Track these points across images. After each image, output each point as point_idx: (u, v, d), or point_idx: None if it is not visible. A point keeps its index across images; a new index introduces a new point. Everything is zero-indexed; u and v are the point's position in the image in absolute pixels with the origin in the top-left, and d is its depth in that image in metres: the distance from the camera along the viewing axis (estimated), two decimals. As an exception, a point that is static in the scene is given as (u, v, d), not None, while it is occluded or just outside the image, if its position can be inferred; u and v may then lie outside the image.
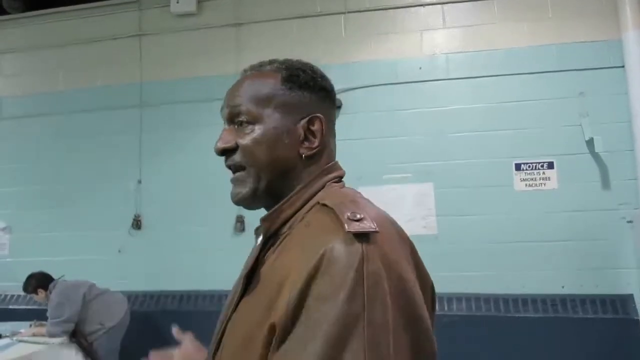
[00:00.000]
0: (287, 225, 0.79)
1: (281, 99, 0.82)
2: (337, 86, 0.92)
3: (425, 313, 0.66)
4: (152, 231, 4.28)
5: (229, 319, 0.79)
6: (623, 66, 3.62)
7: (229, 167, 0.85)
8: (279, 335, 0.64)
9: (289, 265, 0.69)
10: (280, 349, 0.63)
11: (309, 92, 0.84)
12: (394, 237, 0.70)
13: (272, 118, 0.81)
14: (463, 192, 3.77)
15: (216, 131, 0.87)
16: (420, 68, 3.97)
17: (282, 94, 0.82)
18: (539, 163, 3.69)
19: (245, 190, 0.82)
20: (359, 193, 0.81)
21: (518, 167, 3.72)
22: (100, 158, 4.46)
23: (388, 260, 0.64)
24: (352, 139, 3.89)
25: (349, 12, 4.12)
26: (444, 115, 3.88)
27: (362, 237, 0.64)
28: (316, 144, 0.82)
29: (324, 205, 0.73)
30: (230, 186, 0.86)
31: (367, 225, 0.65)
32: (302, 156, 0.82)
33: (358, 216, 0.66)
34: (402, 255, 0.68)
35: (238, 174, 0.83)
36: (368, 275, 0.61)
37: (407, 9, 4.05)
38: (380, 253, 0.64)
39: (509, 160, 3.74)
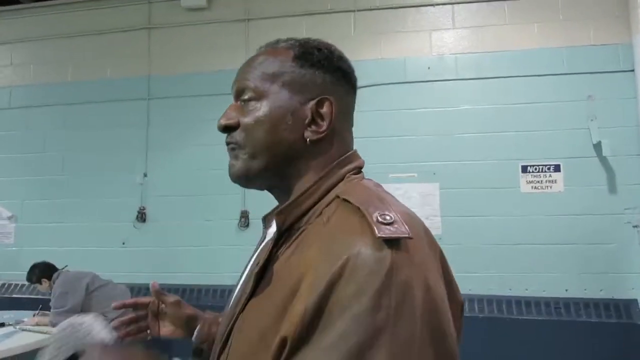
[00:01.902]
0: (304, 219, 0.73)
1: (290, 76, 0.76)
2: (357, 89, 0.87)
3: (452, 329, 0.60)
4: (156, 224, 4.30)
5: (237, 318, 0.73)
6: (633, 70, 3.60)
7: (228, 144, 0.79)
8: (293, 344, 0.58)
9: (305, 265, 0.63)
10: (296, 357, 0.58)
11: (323, 71, 0.77)
12: (424, 243, 0.64)
13: (278, 96, 0.75)
14: (468, 192, 3.77)
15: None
16: (428, 68, 3.96)
17: (291, 72, 0.76)
18: (546, 165, 3.68)
19: (238, 164, 0.78)
20: (381, 187, 0.76)
21: (524, 169, 3.71)
22: (107, 150, 4.47)
23: (418, 270, 0.59)
24: (359, 137, 3.82)
25: (358, 11, 4.12)
26: (451, 116, 3.87)
27: (392, 242, 0.58)
28: (323, 127, 0.75)
29: (347, 201, 0.67)
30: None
31: (400, 230, 0.59)
32: (306, 140, 0.75)
33: (388, 219, 0.60)
34: (433, 265, 0.63)
35: (235, 149, 0.79)
36: (397, 286, 0.56)
37: (417, 8, 4.05)
38: (411, 261, 0.58)
39: (516, 162, 3.73)
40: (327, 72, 0.78)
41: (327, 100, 0.76)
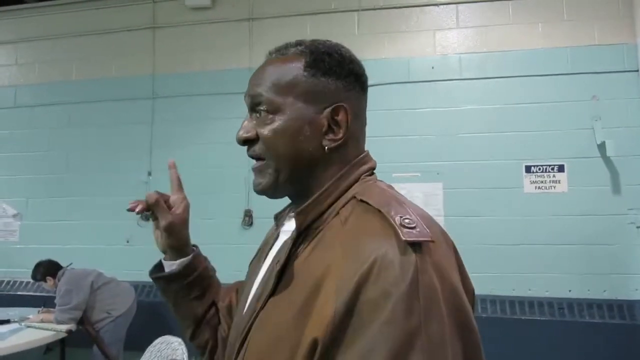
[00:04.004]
0: (322, 219, 0.75)
1: (304, 86, 0.76)
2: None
3: (475, 323, 0.63)
4: (160, 222, 4.30)
5: (257, 314, 0.75)
6: (637, 70, 3.60)
7: (251, 156, 0.81)
8: (325, 345, 0.60)
9: (327, 264, 0.65)
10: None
11: (335, 78, 0.77)
12: (442, 243, 0.66)
13: (293, 108, 0.76)
14: (472, 192, 3.77)
15: (227, 125, 0.84)
16: (432, 67, 3.96)
17: (304, 82, 0.76)
18: (550, 166, 3.68)
19: (265, 180, 0.79)
20: (393, 188, 0.78)
21: (528, 169, 3.70)
22: (112, 148, 4.49)
23: (440, 270, 0.61)
24: (362, 136, 3.88)
25: (362, 10, 4.12)
26: (455, 116, 3.87)
27: (416, 245, 0.60)
28: (340, 135, 0.76)
29: (365, 202, 0.69)
30: (242, 179, 0.83)
31: (423, 233, 0.61)
32: (325, 148, 0.76)
33: (411, 223, 0.62)
34: (451, 263, 0.66)
35: (258, 163, 0.79)
36: (423, 288, 0.58)
37: (421, 8, 4.05)
38: (433, 263, 0.60)
39: (519, 162, 3.73)
40: (340, 78, 0.78)
41: (342, 107, 0.76)
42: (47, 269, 3.57)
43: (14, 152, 4.73)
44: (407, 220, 0.63)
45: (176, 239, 0.97)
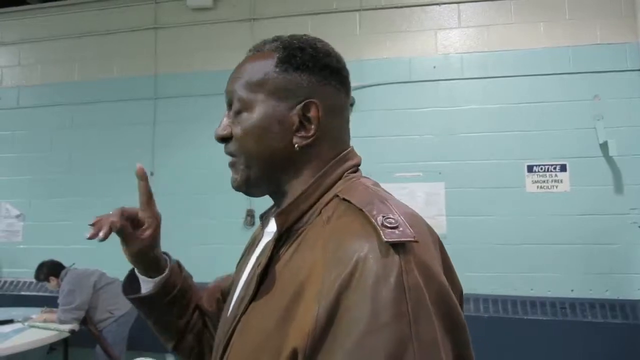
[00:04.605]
0: (303, 219, 0.72)
1: (274, 83, 0.74)
2: (350, 83, 0.86)
3: (464, 320, 0.61)
4: (162, 223, 4.29)
5: (239, 320, 0.73)
6: (639, 69, 3.59)
7: (227, 154, 0.80)
8: (305, 355, 0.58)
9: (309, 267, 0.63)
10: None
11: (308, 73, 0.75)
12: (427, 240, 0.64)
13: (264, 105, 0.74)
14: (474, 192, 3.76)
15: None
16: (434, 67, 3.96)
17: (275, 78, 0.75)
18: (552, 165, 3.67)
19: (237, 176, 0.78)
20: (380, 185, 0.76)
21: (530, 169, 3.70)
22: (114, 149, 4.50)
23: (426, 269, 0.59)
24: (364, 136, 3.89)
25: (364, 10, 4.12)
26: (457, 115, 3.87)
27: (399, 246, 0.57)
28: (311, 132, 0.74)
29: (347, 201, 0.67)
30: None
31: (406, 233, 0.58)
32: (295, 146, 0.74)
33: (393, 222, 0.60)
34: (438, 261, 0.63)
35: (232, 159, 0.79)
36: (409, 290, 0.56)
37: (423, 7, 4.04)
38: (417, 262, 0.58)
39: (521, 162, 3.72)
40: (313, 73, 0.75)
41: (313, 103, 0.74)
42: (50, 269, 3.58)
43: (17, 152, 4.75)
44: (389, 220, 0.60)
45: (145, 261, 0.92)
